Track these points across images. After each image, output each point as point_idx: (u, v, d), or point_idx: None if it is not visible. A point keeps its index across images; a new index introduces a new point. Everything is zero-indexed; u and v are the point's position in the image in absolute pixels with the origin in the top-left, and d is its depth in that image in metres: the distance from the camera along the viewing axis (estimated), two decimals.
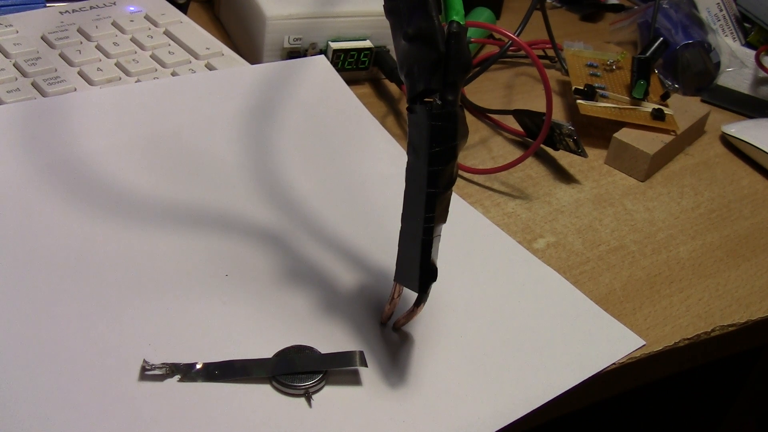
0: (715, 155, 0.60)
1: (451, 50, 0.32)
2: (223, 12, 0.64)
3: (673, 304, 0.45)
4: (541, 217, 0.50)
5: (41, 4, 0.55)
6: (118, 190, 0.42)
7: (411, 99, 0.33)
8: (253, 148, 0.47)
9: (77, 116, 0.44)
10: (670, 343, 0.42)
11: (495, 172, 0.52)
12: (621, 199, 0.53)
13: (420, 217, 0.33)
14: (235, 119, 0.48)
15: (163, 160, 0.45)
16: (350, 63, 0.59)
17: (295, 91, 0.51)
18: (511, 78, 0.66)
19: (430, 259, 0.34)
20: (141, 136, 0.45)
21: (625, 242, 0.49)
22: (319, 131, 0.50)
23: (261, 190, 0.45)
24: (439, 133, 0.33)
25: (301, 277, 0.40)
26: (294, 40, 0.57)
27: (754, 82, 0.70)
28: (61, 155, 0.43)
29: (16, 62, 0.49)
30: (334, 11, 0.57)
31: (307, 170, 0.47)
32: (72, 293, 0.37)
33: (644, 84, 0.59)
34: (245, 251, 0.41)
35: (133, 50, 0.53)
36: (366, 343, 0.37)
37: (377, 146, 0.51)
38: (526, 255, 0.45)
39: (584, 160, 0.55)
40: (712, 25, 0.74)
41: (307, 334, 0.37)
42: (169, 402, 0.33)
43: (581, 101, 0.59)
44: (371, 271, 0.41)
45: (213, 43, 0.55)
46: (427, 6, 0.32)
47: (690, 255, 0.49)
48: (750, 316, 0.45)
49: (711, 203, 0.54)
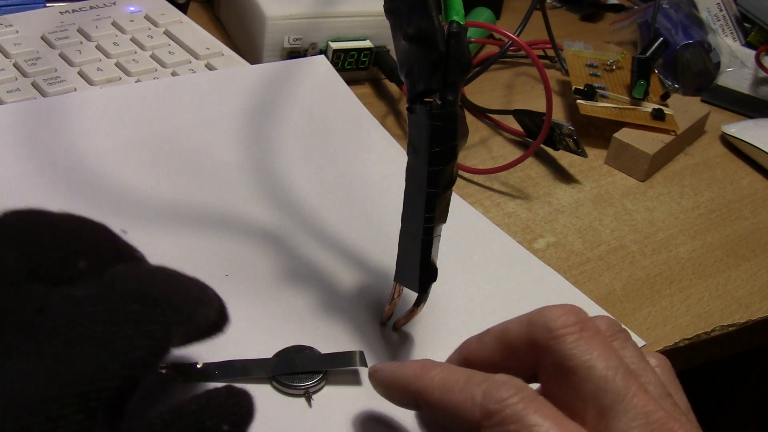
0: (715, 155, 0.60)
1: (451, 50, 0.32)
2: (223, 12, 0.64)
3: (673, 304, 0.45)
4: (541, 217, 0.50)
5: (41, 4, 0.55)
6: (116, 190, 0.42)
7: (411, 99, 0.33)
8: (253, 148, 0.47)
9: (77, 116, 0.44)
10: (670, 343, 0.42)
11: (495, 172, 0.52)
12: (621, 199, 0.53)
13: (420, 217, 0.33)
14: (235, 119, 0.48)
15: (161, 160, 0.44)
16: (350, 63, 0.59)
17: (295, 91, 0.51)
18: (511, 78, 0.66)
19: (430, 259, 0.34)
20: (140, 136, 0.45)
21: (625, 242, 0.49)
22: (319, 131, 0.50)
23: (260, 190, 0.45)
24: (439, 133, 0.33)
25: (301, 277, 0.40)
26: (294, 40, 0.57)
27: (754, 82, 0.70)
28: (60, 155, 0.43)
29: (16, 62, 0.49)
30: (334, 11, 0.57)
31: (306, 170, 0.47)
32: None
33: (644, 84, 0.59)
34: (244, 251, 0.41)
35: (133, 50, 0.53)
36: (366, 342, 0.37)
37: (377, 146, 0.51)
38: (527, 255, 0.45)
39: (584, 160, 0.55)
40: (712, 25, 0.74)
41: (307, 334, 0.37)
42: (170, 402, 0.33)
43: (581, 101, 0.59)
44: (371, 271, 0.41)
45: (213, 43, 0.55)
46: (427, 6, 0.32)
47: (690, 255, 0.49)
48: (750, 316, 0.45)
49: (711, 203, 0.54)
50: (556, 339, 0.28)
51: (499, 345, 0.30)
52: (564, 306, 0.29)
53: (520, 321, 0.30)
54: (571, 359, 0.28)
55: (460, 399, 0.28)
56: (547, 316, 0.29)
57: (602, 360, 0.27)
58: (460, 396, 0.28)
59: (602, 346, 0.28)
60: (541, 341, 0.29)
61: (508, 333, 0.30)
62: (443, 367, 0.30)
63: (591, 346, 0.28)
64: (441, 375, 0.29)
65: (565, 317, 0.28)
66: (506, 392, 0.27)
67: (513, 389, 0.27)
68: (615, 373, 0.27)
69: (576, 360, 0.28)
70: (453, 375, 0.29)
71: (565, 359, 0.28)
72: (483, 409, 0.27)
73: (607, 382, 0.27)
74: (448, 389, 0.29)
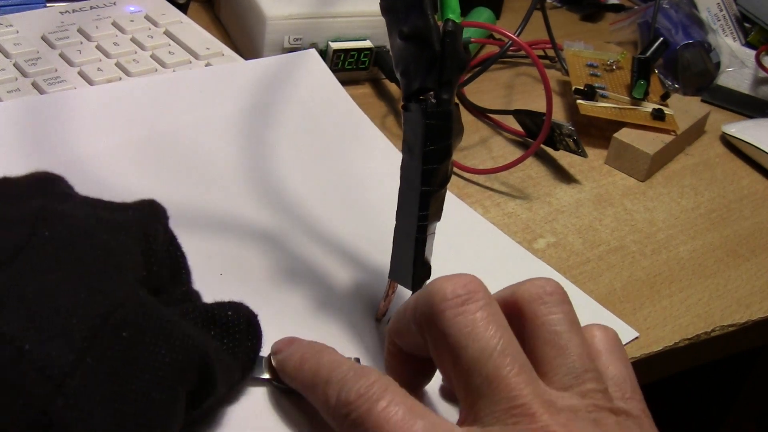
0: (715, 155, 0.60)
1: (447, 49, 0.32)
2: (223, 12, 0.64)
3: (673, 304, 0.45)
4: (541, 217, 0.50)
5: (41, 4, 0.55)
6: (110, 188, 0.42)
7: (406, 97, 0.33)
8: (245, 145, 0.47)
9: (69, 114, 0.44)
10: (670, 343, 0.42)
11: (495, 172, 0.52)
12: (621, 199, 0.53)
13: (414, 215, 0.34)
14: (227, 116, 0.48)
15: (155, 158, 0.44)
16: (350, 63, 0.59)
17: (286, 87, 0.51)
18: (511, 78, 0.66)
19: (423, 256, 0.34)
20: (131, 135, 0.45)
21: (625, 242, 0.49)
22: (311, 126, 0.50)
23: (253, 188, 0.45)
24: (433, 132, 0.33)
25: (295, 275, 0.40)
26: (294, 40, 0.57)
27: (754, 82, 0.70)
28: (54, 153, 0.43)
29: (16, 62, 0.49)
30: (334, 11, 0.57)
31: (300, 167, 0.47)
32: None
33: (644, 84, 0.59)
34: (238, 250, 0.41)
35: (133, 50, 0.53)
36: (361, 339, 0.37)
37: (369, 142, 0.51)
38: (526, 255, 0.45)
39: (584, 160, 0.55)
40: (712, 25, 0.73)
41: (303, 331, 0.37)
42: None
43: (581, 101, 0.59)
44: (366, 268, 0.41)
45: (213, 43, 0.55)
46: (423, 5, 0.32)
47: (690, 255, 0.49)
48: (750, 316, 0.45)
49: (711, 203, 0.54)
50: (437, 314, 0.27)
51: (406, 320, 0.30)
52: (454, 277, 0.28)
53: (417, 293, 0.29)
54: (448, 336, 0.27)
55: (322, 400, 0.29)
56: (433, 288, 0.28)
57: (476, 340, 0.27)
58: (322, 397, 0.29)
59: (482, 324, 0.27)
60: (425, 316, 0.28)
61: (408, 308, 0.30)
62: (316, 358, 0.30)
63: (468, 324, 0.27)
64: (311, 370, 0.30)
65: (450, 289, 0.28)
66: (355, 394, 0.27)
67: (363, 389, 0.27)
68: (488, 354, 0.26)
69: (451, 338, 0.27)
70: (319, 371, 0.29)
71: (444, 335, 0.27)
72: (336, 414, 0.27)
73: (477, 362, 0.26)
74: (315, 386, 0.29)
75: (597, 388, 0.28)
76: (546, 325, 0.29)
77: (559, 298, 0.29)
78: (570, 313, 0.29)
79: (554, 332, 0.28)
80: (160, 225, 0.32)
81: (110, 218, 0.30)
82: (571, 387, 0.28)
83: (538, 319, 0.29)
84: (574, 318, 0.29)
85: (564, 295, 0.30)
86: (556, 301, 0.29)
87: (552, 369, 0.28)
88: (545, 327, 0.29)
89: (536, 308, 0.29)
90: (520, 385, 0.26)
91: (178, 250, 0.33)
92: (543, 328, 0.29)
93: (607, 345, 0.30)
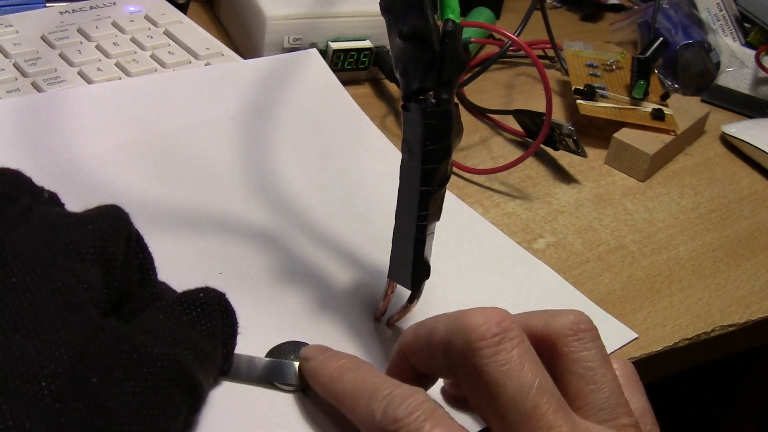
0: (715, 155, 0.60)
1: (446, 49, 0.32)
2: (223, 12, 0.64)
3: (673, 304, 0.45)
4: (541, 217, 0.50)
5: (41, 4, 0.55)
6: (108, 188, 0.42)
7: (405, 97, 0.33)
8: (244, 145, 0.47)
9: (70, 112, 0.44)
10: (670, 343, 0.42)
11: (495, 172, 0.52)
12: (621, 199, 0.53)
13: (413, 215, 0.34)
14: (227, 115, 0.48)
15: (153, 157, 0.44)
16: (350, 63, 0.59)
17: (286, 87, 0.51)
18: (511, 78, 0.66)
19: (423, 256, 0.34)
20: (132, 134, 0.45)
21: (625, 242, 0.49)
22: (311, 126, 0.50)
23: (253, 187, 0.45)
24: (433, 132, 0.33)
25: (295, 274, 0.40)
26: (294, 40, 0.57)
27: (754, 82, 0.70)
28: (52, 152, 0.42)
29: (16, 62, 0.49)
30: (334, 11, 0.57)
31: (299, 167, 0.47)
32: None
33: (644, 84, 0.59)
34: (238, 249, 0.41)
35: (133, 50, 0.53)
36: (360, 339, 0.37)
37: (369, 142, 0.51)
38: (526, 255, 0.45)
39: (584, 160, 0.55)
40: (712, 25, 0.73)
41: (302, 330, 0.37)
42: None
43: (581, 101, 0.59)
44: (365, 267, 0.41)
45: (213, 43, 0.55)
46: (423, 5, 0.32)
47: (690, 255, 0.49)
48: (750, 316, 0.45)
49: (711, 203, 0.54)
50: (472, 352, 0.28)
51: (427, 344, 0.30)
52: (487, 312, 0.29)
53: (445, 322, 0.30)
54: (484, 375, 0.28)
55: (363, 414, 0.29)
56: (468, 324, 0.28)
57: (513, 378, 0.27)
58: (364, 410, 0.29)
59: (518, 362, 0.28)
60: (458, 350, 0.29)
61: (434, 334, 0.30)
62: (357, 371, 0.31)
63: (505, 362, 0.28)
64: (352, 382, 0.30)
65: (486, 327, 0.28)
66: (403, 411, 0.27)
67: (411, 407, 0.27)
68: (525, 392, 0.27)
69: (488, 377, 0.28)
70: (362, 384, 0.30)
71: (479, 373, 0.28)
72: (380, 429, 0.28)
73: (515, 401, 0.27)
74: (356, 399, 0.29)
75: (630, 423, 0.29)
76: (580, 361, 0.29)
77: (592, 334, 0.30)
78: (602, 348, 0.30)
79: (589, 368, 0.29)
80: (120, 238, 0.30)
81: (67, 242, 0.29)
82: (606, 421, 0.29)
83: (573, 354, 0.30)
84: (605, 353, 0.30)
85: (596, 330, 0.30)
86: (590, 337, 0.30)
87: (586, 403, 0.29)
88: (579, 363, 0.29)
89: (570, 344, 0.30)
90: (559, 422, 0.27)
91: (144, 252, 0.32)
92: (577, 364, 0.29)
93: (627, 378, 0.31)
